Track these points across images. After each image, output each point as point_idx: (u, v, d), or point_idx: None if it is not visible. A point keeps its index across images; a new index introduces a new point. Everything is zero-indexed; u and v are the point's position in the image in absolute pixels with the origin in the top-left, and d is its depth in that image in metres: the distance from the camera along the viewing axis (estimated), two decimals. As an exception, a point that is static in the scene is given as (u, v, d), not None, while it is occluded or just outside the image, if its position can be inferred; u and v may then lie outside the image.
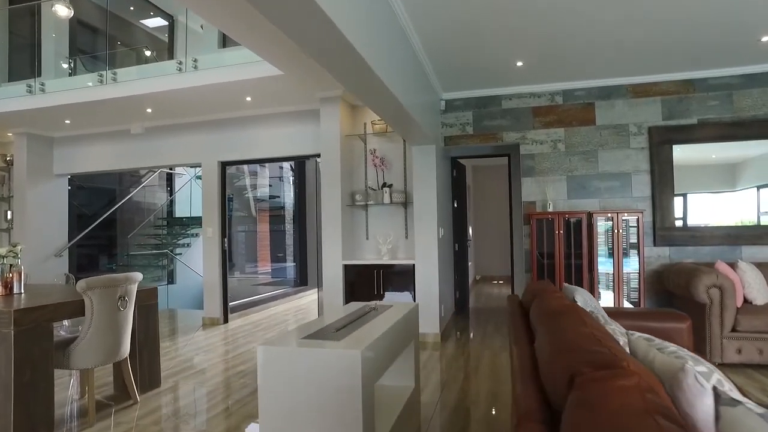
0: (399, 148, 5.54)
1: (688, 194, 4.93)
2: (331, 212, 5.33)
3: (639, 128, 5.02)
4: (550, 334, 1.40)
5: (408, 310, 2.92)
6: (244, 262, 13.46)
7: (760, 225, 4.73)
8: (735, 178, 4.88)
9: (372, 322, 2.53)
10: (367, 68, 2.88)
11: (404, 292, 5.17)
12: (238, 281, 12.04)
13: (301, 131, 5.93)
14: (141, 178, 9.58)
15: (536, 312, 1.88)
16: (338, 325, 2.44)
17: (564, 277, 4.90)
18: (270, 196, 14.07)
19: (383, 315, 2.76)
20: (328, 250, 5.33)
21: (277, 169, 14.19)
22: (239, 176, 12.38)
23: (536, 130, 5.28)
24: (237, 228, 13.17)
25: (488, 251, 10.76)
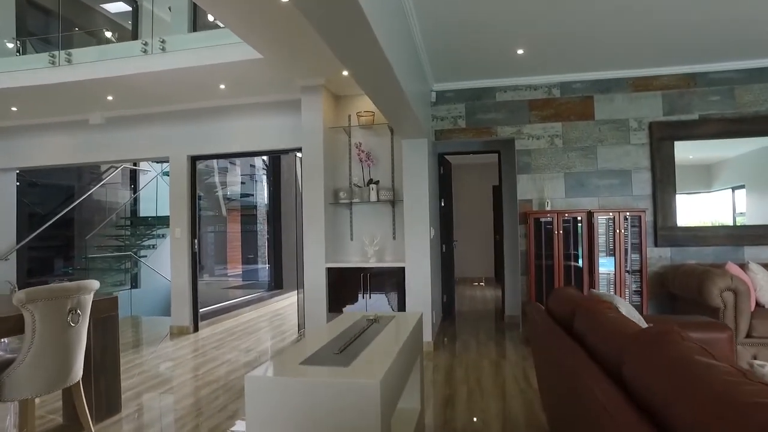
0: (386, 142, 5.16)
1: (689, 193, 4.73)
2: (313, 211, 4.90)
3: (639, 123, 4.79)
4: (666, 372, 1.03)
5: (415, 321, 2.54)
6: (215, 264, 12.83)
7: (763, 225, 4.56)
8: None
9: (378, 340, 2.14)
10: (378, 49, 2.53)
11: (393, 298, 4.79)
12: (208, 285, 11.43)
13: (280, 123, 5.48)
14: (102, 175, 8.88)
15: (607, 335, 1.51)
16: (339, 344, 2.04)
17: (563, 279, 4.62)
18: (242, 195, 13.48)
19: (388, 329, 2.37)
20: (310, 252, 4.90)
21: (248, 167, 13.61)
22: (208, 173, 11.77)
23: (533, 125, 4.99)
24: (207, 228, 12.54)
25: (467, 252, 10.49)
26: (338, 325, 2.49)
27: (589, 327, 1.67)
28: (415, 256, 4.70)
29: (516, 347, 4.69)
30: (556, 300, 2.28)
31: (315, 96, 4.93)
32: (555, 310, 2.23)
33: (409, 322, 2.52)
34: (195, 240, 5.83)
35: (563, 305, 2.10)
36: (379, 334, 2.24)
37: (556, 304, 2.25)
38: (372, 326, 2.44)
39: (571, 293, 2.28)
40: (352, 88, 5.11)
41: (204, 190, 11.48)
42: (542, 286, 4.68)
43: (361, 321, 2.57)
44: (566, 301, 2.10)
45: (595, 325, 1.63)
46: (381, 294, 4.82)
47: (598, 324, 1.61)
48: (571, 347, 1.70)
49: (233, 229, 13.41)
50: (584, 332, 1.72)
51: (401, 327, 2.39)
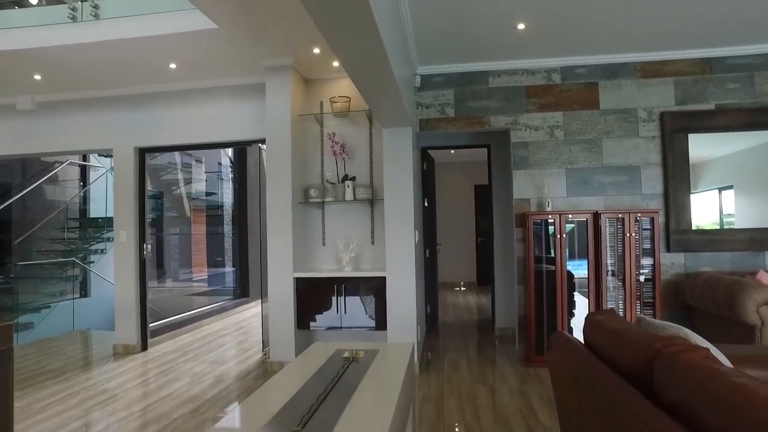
0: (363, 133, 4.51)
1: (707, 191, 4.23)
2: (279, 211, 4.21)
3: (649, 114, 4.27)
4: None
5: (406, 361, 1.89)
6: (177, 270, 11.94)
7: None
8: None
9: (358, 400, 1.48)
10: (369, 17, 1.94)
11: (372, 313, 4.14)
12: (170, 292, 10.57)
13: (242, 111, 4.76)
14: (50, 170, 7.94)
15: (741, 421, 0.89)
16: (302, 410, 1.37)
17: (566, 289, 4.05)
18: (208, 194, 12.62)
19: (371, 376, 1.71)
20: (275, 260, 4.21)
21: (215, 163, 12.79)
22: (169, 169, 10.90)
23: (530, 114, 4.41)
24: (169, 230, 11.66)
25: (448, 255, 9.91)
26: (305, 367, 1.83)
27: (696, 398, 1.05)
28: (397, 264, 4.05)
29: (513, 367, 4.09)
30: (604, 334, 1.67)
31: (281, 78, 4.24)
32: (603, 349, 1.61)
33: (397, 361, 1.87)
34: (144, 245, 5.05)
35: (623, 347, 1.48)
36: (359, 386, 1.58)
37: (606, 340, 1.63)
38: (349, 368, 1.79)
39: (621, 326, 1.67)
40: (325, 70, 4.44)
41: (165, 188, 10.62)
42: (542, 297, 4.11)
43: (336, 359, 1.92)
44: (627, 340, 1.49)
45: (709, 398, 1.01)
46: (358, 309, 4.16)
47: (715, 398, 0.99)
48: (661, 422, 1.07)
49: (198, 231, 12.54)
50: (683, 401, 1.10)
51: (389, 371, 1.75)
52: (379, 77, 2.97)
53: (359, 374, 1.70)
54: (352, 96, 4.39)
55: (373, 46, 2.48)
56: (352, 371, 1.75)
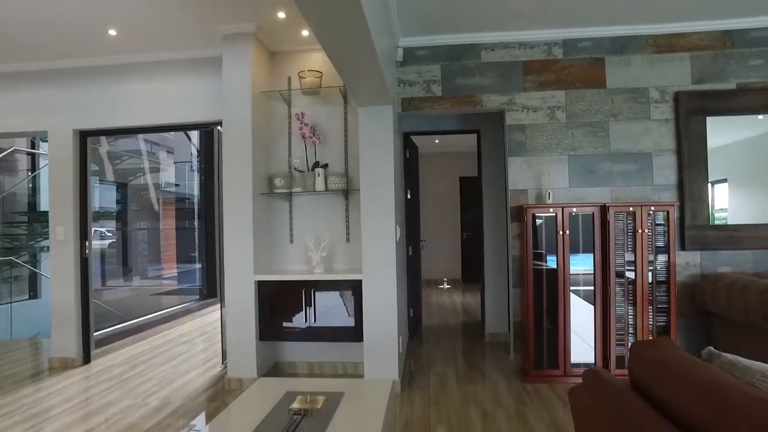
0: (337, 113, 3.91)
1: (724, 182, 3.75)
2: (237, 204, 3.60)
3: (662, 93, 3.76)
4: None
5: (383, 407, 1.33)
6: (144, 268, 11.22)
7: (812, 222, 3.64)
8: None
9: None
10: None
11: (346, 321, 3.57)
12: (134, 292, 9.86)
13: (198, 89, 4.12)
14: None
15: None
16: None
17: (569, 292, 3.53)
18: (176, 185, 11.87)
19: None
20: (233, 260, 3.61)
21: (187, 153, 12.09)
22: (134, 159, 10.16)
23: (528, 93, 3.87)
24: (135, 225, 10.93)
25: (432, 251, 9.38)
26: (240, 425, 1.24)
27: None
28: (375, 265, 3.49)
29: (509, 382, 3.57)
30: (669, 379, 1.12)
31: (241, 48, 3.62)
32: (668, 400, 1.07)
33: (371, 411, 1.30)
34: (87, 242, 4.39)
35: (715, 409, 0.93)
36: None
37: (675, 389, 1.09)
38: (300, 427, 1.21)
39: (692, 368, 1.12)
40: (293, 40, 3.83)
41: (129, 179, 9.88)
42: (542, 301, 3.59)
43: (282, 410, 1.34)
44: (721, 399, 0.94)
45: None
46: (330, 317, 3.59)
47: None
48: None
49: (168, 225, 11.81)
50: None
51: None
52: (356, 48, 2.42)
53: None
54: (326, 70, 3.79)
55: (349, 9, 1.92)
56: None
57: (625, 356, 3.50)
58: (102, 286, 9.36)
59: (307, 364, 3.93)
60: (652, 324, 3.48)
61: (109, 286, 9.53)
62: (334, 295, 3.58)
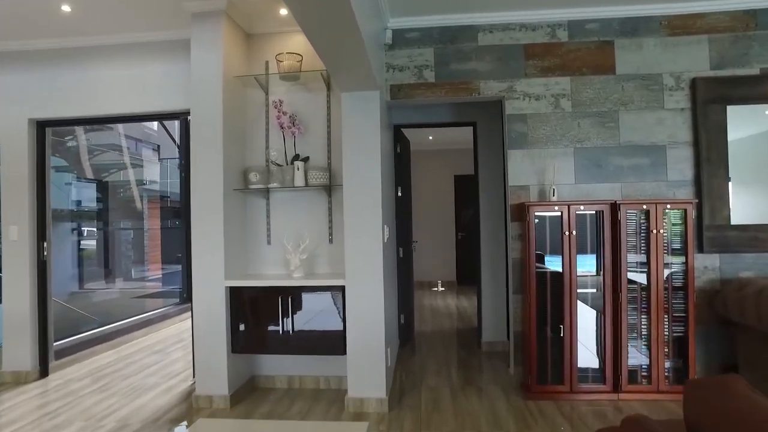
0: (320, 101, 3.54)
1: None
2: (206, 201, 3.22)
3: (677, 80, 3.41)
4: None
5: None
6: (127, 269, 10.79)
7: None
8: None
9: None
10: None
11: (328, 332, 3.19)
12: (113, 295, 9.43)
13: (169, 74, 3.73)
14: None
15: None
16: None
17: (576, 300, 3.18)
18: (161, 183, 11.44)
19: None
20: (202, 263, 3.22)
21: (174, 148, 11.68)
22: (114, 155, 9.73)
23: (530, 79, 3.51)
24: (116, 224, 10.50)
25: (425, 252, 9.02)
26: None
27: None
28: (360, 270, 3.11)
29: (509, 400, 3.21)
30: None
31: (211, 27, 3.24)
32: None
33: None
34: (44, 243, 3.98)
35: None
36: None
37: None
38: None
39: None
40: (270, 20, 3.46)
41: (102, 174, 9.44)
42: (546, 309, 3.23)
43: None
44: None
45: None
46: (310, 328, 3.21)
47: None
48: None
49: (153, 225, 11.39)
50: None
51: None
52: (338, 29, 2.09)
53: None
54: (306, 53, 3.42)
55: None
56: None
57: (638, 371, 3.15)
58: (80, 288, 8.94)
59: (286, 378, 3.55)
60: (668, 334, 3.13)
61: (87, 289, 9.09)
62: (314, 303, 3.20)
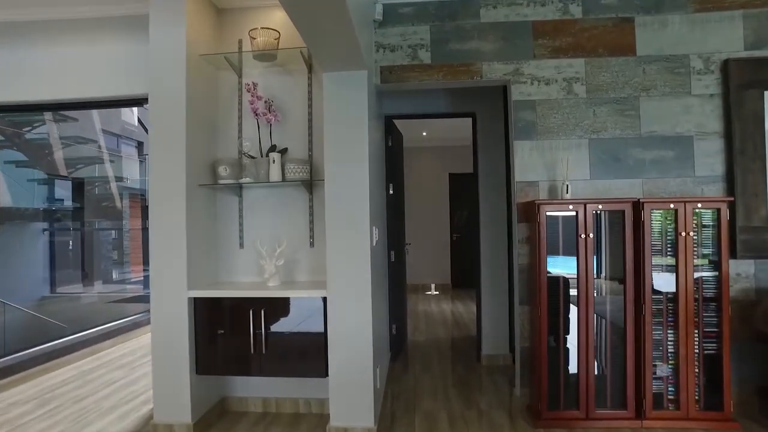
0: (300, 85, 3.10)
1: None
2: (166, 198, 2.77)
3: (707, 62, 3.01)
4: None
5: None
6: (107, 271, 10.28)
7: None
8: None
9: None
10: None
11: (307, 351, 2.75)
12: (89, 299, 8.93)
13: (127, 54, 3.27)
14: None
15: None
16: None
17: (593, 313, 2.76)
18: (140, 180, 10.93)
19: None
20: (160, 271, 2.77)
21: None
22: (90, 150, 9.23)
23: (539, 61, 3.09)
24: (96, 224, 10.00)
25: (418, 254, 8.59)
26: None
27: None
28: (345, 278, 2.67)
29: (516, 427, 2.78)
30: None
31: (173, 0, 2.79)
32: None
33: None
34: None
35: None
36: None
37: None
38: None
39: None
40: (242, -12, 3.01)
41: (71, 169, 8.94)
42: (557, 322, 2.82)
43: None
44: None
45: None
46: (286, 346, 2.76)
47: None
48: None
49: (134, 224, 10.86)
50: None
51: None
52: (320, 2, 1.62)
53: None
54: (284, 31, 2.98)
55: None
56: None
57: (663, 395, 2.73)
58: (51, 293, 8.43)
59: (261, 400, 3.11)
60: (698, 352, 2.72)
61: (60, 293, 8.58)
62: (291, 317, 2.76)
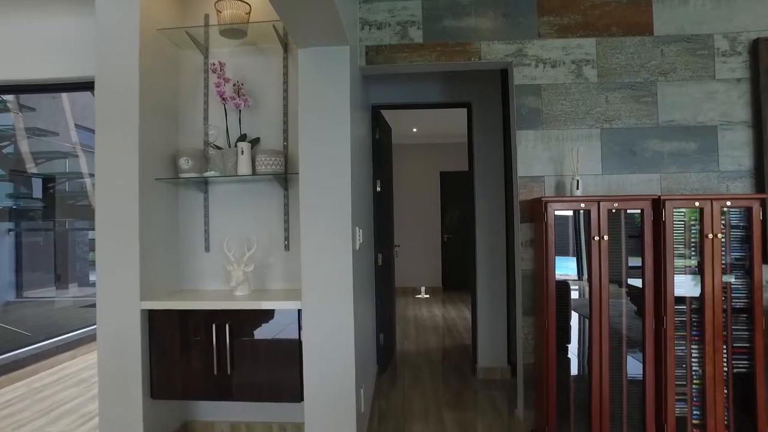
0: (274, 66, 2.72)
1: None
2: (115, 195, 2.37)
3: (733, 42, 2.68)
4: None
5: None
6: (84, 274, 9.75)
7: None
8: None
9: None
10: None
11: (279, 373, 2.37)
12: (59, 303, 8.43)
13: (77, 30, 2.87)
14: None
15: None
16: None
17: (608, 327, 2.42)
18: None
19: None
20: (108, 278, 2.37)
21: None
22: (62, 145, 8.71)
23: (544, 41, 2.75)
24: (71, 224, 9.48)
25: (407, 256, 8.24)
26: None
27: None
28: (324, 287, 2.30)
29: (519, 458, 2.44)
30: None
31: (123, -40, 2.39)
32: None
33: None
34: None
35: None
36: None
37: None
38: None
39: None
40: (205, -48, 2.62)
41: (34, 165, 8.41)
42: (567, 338, 2.47)
43: None
44: None
45: None
46: (255, 367, 2.38)
47: None
48: None
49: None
50: None
51: None
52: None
53: None
54: (256, 4, 2.60)
55: None
56: None
57: (687, 420, 2.40)
58: (17, 297, 7.91)
59: (229, 425, 2.72)
60: (727, 371, 2.39)
61: (28, 298, 8.06)
62: (261, 331, 2.37)
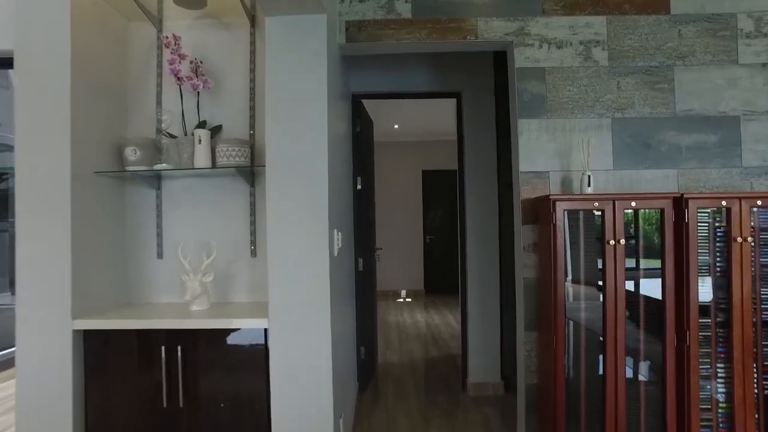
0: (240, 43, 2.33)
1: None
2: (41, 192, 1.95)
3: (758, 23, 2.40)
4: None
5: None
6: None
7: None
8: None
9: None
10: None
11: (240, 405, 1.99)
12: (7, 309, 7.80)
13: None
14: None
15: None
16: None
17: (624, 343, 2.11)
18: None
19: None
20: (30, 291, 1.95)
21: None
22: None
23: (549, 18, 2.43)
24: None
25: (388, 258, 7.88)
26: None
27: None
28: (294, 301, 1.93)
29: (523, 496, 2.11)
30: None
31: None
32: None
33: None
34: None
35: None
36: None
37: None
38: None
39: None
40: None
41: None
42: (579, 355, 2.16)
43: None
44: None
45: None
46: (213, 397, 1.99)
47: None
48: None
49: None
50: None
51: None
52: None
53: None
54: (215, -34, 2.21)
55: None
56: None
57: (714, 448, 2.11)
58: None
59: (186, 460, 2.32)
60: (758, 394, 2.11)
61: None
62: (221, 355, 1.99)
